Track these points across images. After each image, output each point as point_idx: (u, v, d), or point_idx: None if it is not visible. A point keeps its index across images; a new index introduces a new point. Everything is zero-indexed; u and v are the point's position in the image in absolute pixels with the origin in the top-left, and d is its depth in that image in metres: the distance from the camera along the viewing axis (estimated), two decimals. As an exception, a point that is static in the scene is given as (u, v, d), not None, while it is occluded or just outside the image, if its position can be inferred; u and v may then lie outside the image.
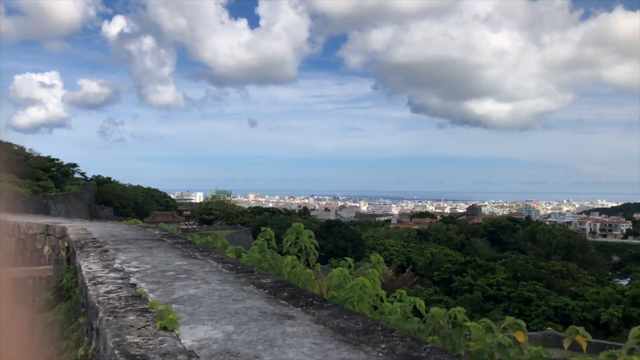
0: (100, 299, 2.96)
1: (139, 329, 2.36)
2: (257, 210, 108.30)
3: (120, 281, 3.47)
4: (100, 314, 2.64)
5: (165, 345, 2.14)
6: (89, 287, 3.33)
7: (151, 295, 3.03)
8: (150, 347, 2.12)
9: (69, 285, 5.01)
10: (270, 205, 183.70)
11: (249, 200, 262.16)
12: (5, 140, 75.08)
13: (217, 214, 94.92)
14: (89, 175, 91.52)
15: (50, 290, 5.77)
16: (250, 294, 3.11)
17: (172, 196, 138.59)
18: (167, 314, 2.40)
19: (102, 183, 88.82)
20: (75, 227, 7.30)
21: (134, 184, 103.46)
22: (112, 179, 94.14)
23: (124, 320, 2.50)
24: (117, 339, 2.20)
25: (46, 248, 8.17)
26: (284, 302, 2.94)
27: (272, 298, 3.02)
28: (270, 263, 4.53)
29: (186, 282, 3.43)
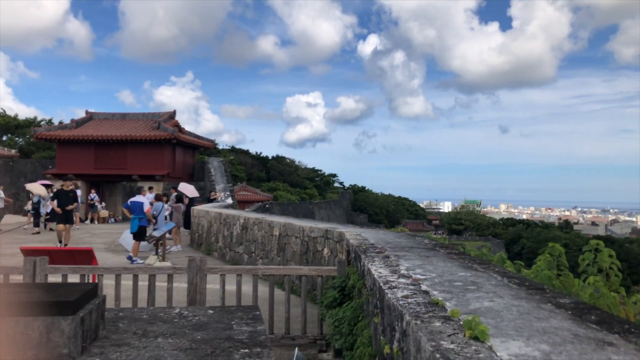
0: (401, 302, 3.17)
1: (449, 335, 2.45)
2: (510, 222, 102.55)
3: (412, 287, 3.66)
4: (407, 317, 2.82)
5: (481, 355, 2.17)
6: (385, 291, 3.60)
7: (447, 304, 3.12)
8: (467, 355, 2.17)
9: (356, 285, 5.50)
10: (524, 216, 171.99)
11: (500, 210, 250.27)
12: (280, 154, 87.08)
13: (466, 224, 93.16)
14: (346, 184, 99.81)
15: (335, 289, 6.44)
16: (551, 313, 2.94)
17: (421, 205, 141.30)
18: (475, 324, 2.43)
19: (357, 192, 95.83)
20: (351, 233, 8.01)
21: (386, 192, 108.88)
22: (366, 188, 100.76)
23: (431, 325, 2.63)
24: (432, 343, 2.32)
25: (325, 250, 9.17)
26: (594, 326, 2.69)
27: (579, 320, 2.80)
28: (562, 282, 4.22)
29: (477, 293, 3.44)
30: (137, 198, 14.72)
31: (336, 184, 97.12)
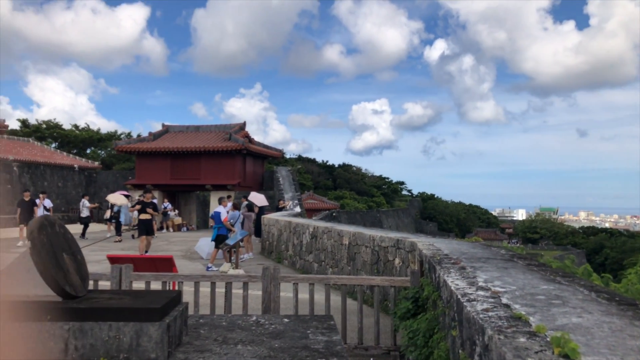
0: (481, 316, 3.09)
1: (536, 352, 2.36)
2: (591, 231, 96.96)
3: (491, 300, 3.56)
4: (489, 332, 2.75)
5: (573, 375, 2.08)
6: (464, 303, 3.52)
7: (531, 318, 3.01)
8: (558, 374, 2.08)
9: (431, 297, 5.41)
10: (607, 225, 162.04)
11: (579, 218, 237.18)
12: (346, 162, 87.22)
13: (542, 232, 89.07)
14: (415, 192, 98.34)
15: (409, 300, 6.36)
16: (647, 331, 2.76)
17: (494, 213, 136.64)
18: (565, 341, 2.33)
19: (426, 199, 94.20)
20: (423, 243, 7.89)
21: (456, 200, 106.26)
22: (435, 196, 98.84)
23: (515, 341, 2.54)
24: (519, 360, 2.24)
25: (397, 260, 9.08)
26: (698, 346, 2.50)
27: (680, 340, 2.61)
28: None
29: (563, 308, 3.28)
30: (218, 208, 15.40)
31: (404, 192, 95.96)
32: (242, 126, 36.23)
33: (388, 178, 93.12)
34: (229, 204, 16.88)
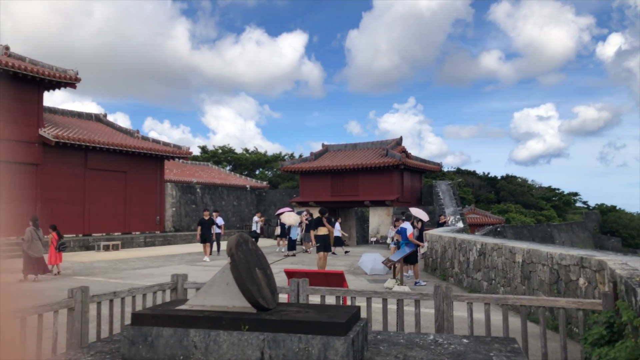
0: None
1: None
2: None
3: None
4: None
5: None
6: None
7: None
8: None
9: (633, 323, 4.81)
10: None
11: None
12: (509, 174, 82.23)
13: None
14: (591, 203, 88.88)
15: (602, 325, 5.72)
16: None
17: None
18: None
19: (605, 212, 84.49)
20: (614, 261, 7.06)
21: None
22: (616, 207, 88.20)
23: None
24: None
25: (581, 280, 8.25)
26: None
27: None
28: None
29: None
30: (404, 224, 15.58)
31: (578, 204, 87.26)
32: (399, 141, 36.33)
33: (558, 189, 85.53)
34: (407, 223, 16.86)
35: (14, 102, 24.69)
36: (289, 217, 23.99)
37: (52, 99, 77.44)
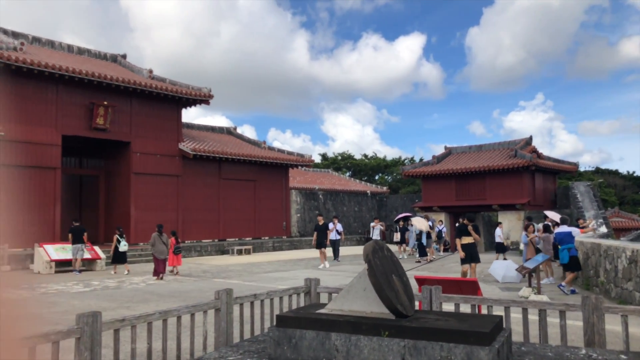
0: None
1: None
2: None
3: None
4: None
5: None
6: None
7: None
8: None
9: None
10: None
11: None
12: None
13: None
14: None
15: None
16: None
17: None
18: None
19: None
20: None
21: None
22: None
23: None
24: None
25: None
26: None
27: None
28: None
29: None
30: (562, 228, 14.41)
31: None
32: (528, 141, 34.22)
33: None
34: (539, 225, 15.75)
35: (158, 119, 27.35)
36: (420, 222, 23.60)
37: (188, 114, 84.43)
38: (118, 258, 18.97)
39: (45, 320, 9.55)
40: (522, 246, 18.64)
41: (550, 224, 18.20)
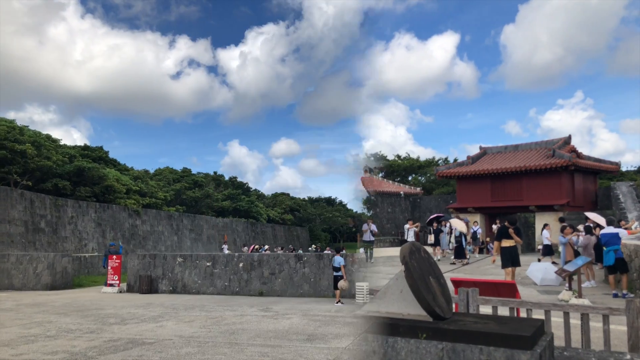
0: None
1: None
2: None
3: None
4: None
5: None
6: None
7: None
8: None
9: None
10: None
11: None
12: None
13: None
14: None
15: None
16: None
17: None
18: None
19: None
20: None
21: None
22: None
23: None
24: None
25: None
26: None
27: None
28: None
29: None
30: (608, 229, 13.98)
31: None
32: (567, 140, 33.34)
33: None
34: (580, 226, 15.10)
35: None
36: (459, 224, 23.29)
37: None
38: None
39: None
40: (560, 247, 18.16)
41: (591, 225, 17.68)
